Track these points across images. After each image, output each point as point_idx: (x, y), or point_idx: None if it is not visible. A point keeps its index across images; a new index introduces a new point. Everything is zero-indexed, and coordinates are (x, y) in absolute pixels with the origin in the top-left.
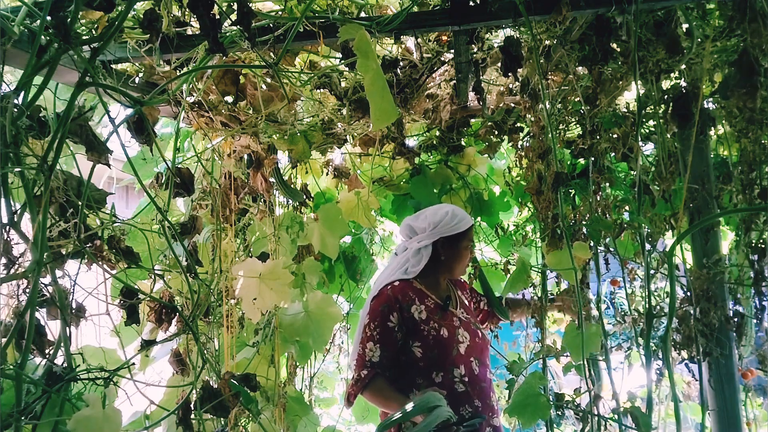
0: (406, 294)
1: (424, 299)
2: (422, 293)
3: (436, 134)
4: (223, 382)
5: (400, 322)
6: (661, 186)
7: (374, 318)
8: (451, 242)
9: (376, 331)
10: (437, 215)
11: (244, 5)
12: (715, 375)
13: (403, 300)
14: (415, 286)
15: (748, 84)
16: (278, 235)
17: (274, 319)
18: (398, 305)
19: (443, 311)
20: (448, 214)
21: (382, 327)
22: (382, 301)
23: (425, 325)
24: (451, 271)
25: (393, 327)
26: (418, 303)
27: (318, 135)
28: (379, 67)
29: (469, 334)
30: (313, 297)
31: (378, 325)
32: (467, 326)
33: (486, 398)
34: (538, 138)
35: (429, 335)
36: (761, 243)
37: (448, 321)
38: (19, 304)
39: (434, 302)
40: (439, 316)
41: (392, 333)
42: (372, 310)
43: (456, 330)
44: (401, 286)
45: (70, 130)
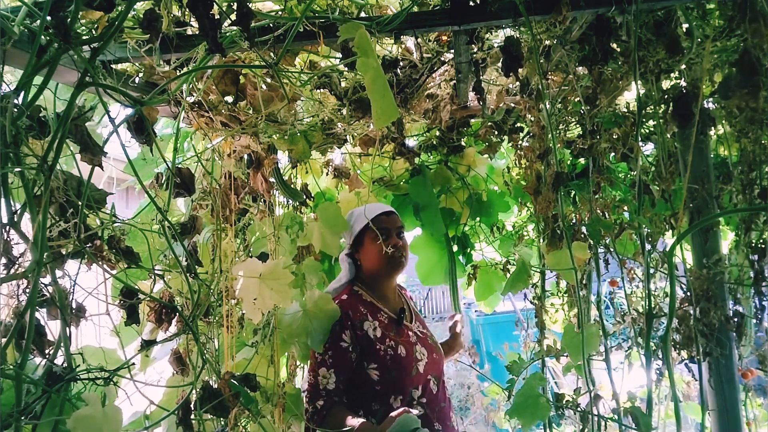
0: (357, 309)
1: (376, 314)
2: (373, 307)
3: (436, 134)
4: (223, 382)
5: (354, 341)
6: (661, 186)
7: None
8: (358, 243)
9: (327, 354)
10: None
11: (243, 5)
12: (715, 375)
13: (354, 316)
14: (365, 299)
15: (749, 84)
16: (278, 235)
17: (273, 319)
18: (350, 322)
19: (398, 326)
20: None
21: (334, 349)
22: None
23: (381, 344)
24: (379, 274)
25: (347, 347)
26: (370, 318)
27: (318, 135)
28: (379, 65)
29: (426, 350)
30: (310, 296)
31: (329, 347)
32: (424, 341)
33: (446, 419)
34: (538, 138)
35: (386, 355)
36: (761, 243)
37: (405, 337)
38: (19, 304)
39: (387, 316)
40: (395, 332)
41: (346, 354)
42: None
43: (413, 347)
44: (350, 300)
45: (69, 130)
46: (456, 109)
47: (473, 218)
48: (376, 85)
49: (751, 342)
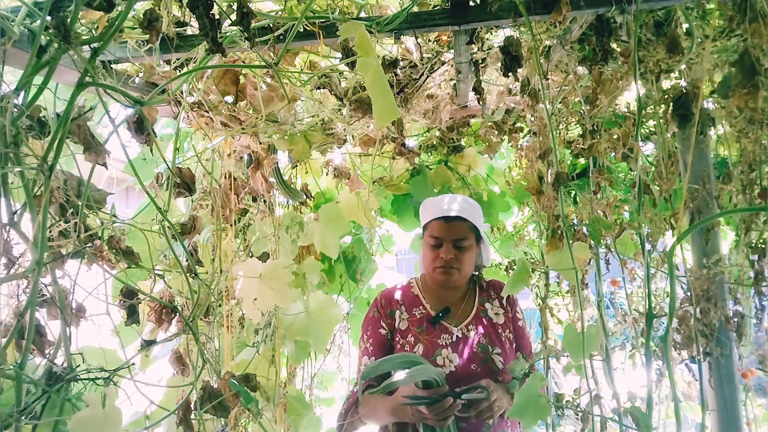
0: (393, 298)
1: (413, 307)
2: (416, 300)
3: (436, 134)
4: (223, 382)
5: (390, 330)
6: (661, 186)
7: (366, 327)
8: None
9: (369, 342)
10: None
11: (244, 5)
12: (715, 375)
13: (387, 305)
14: (411, 291)
15: (750, 84)
16: (278, 235)
17: (274, 319)
18: (384, 310)
19: (431, 324)
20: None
21: (375, 336)
22: (372, 307)
23: (401, 338)
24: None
25: (386, 335)
26: (405, 310)
27: (318, 135)
28: (379, 65)
29: (460, 357)
30: (314, 297)
31: (371, 336)
32: (463, 348)
33: None
34: (538, 138)
35: (401, 350)
36: (761, 243)
37: (433, 336)
38: (19, 304)
39: (424, 312)
40: (421, 330)
41: (386, 342)
42: (365, 318)
43: (437, 349)
44: (394, 291)
45: (69, 130)
46: (456, 109)
47: None
48: (377, 85)
49: (751, 342)
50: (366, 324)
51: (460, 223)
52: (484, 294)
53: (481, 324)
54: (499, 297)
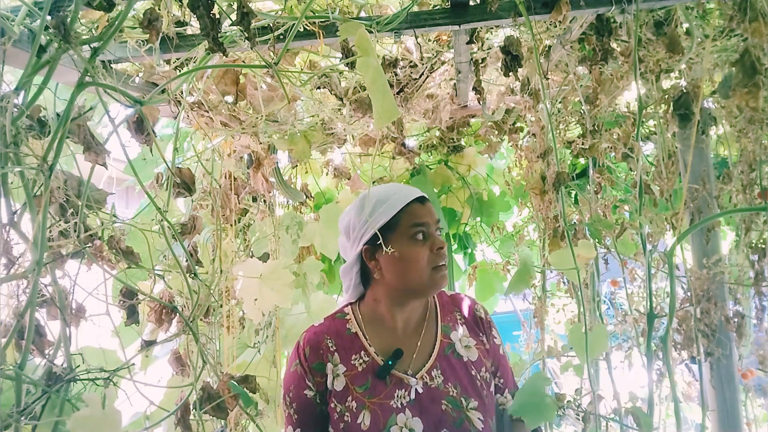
0: (320, 344)
1: (351, 353)
2: (354, 342)
3: (436, 134)
4: (222, 383)
5: (319, 390)
6: (661, 186)
7: (287, 386)
8: (379, 244)
9: (292, 407)
10: (347, 212)
11: (244, 5)
12: (715, 375)
13: (313, 355)
14: (346, 328)
15: (750, 83)
16: (278, 235)
17: (274, 319)
18: (308, 364)
19: (378, 378)
20: (357, 203)
21: (298, 401)
22: (292, 357)
23: (338, 403)
24: (406, 293)
25: (312, 399)
26: (338, 360)
27: (318, 135)
28: (379, 65)
29: (424, 423)
30: (315, 298)
31: (293, 399)
32: (427, 406)
33: None
34: (538, 138)
35: (339, 421)
36: (761, 243)
37: (383, 397)
38: (19, 304)
39: (368, 361)
40: (365, 388)
41: (313, 407)
42: (285, 373)
43: (391, 416)
44: (320, 330)
45: (69, 130)
46: (456, 108)
47: (474, 218)
48: (377, 85)
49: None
50: (287, 381)
51: (431, 206)
52: (447, 318)
53: (447, 365)
54: (467, 320)
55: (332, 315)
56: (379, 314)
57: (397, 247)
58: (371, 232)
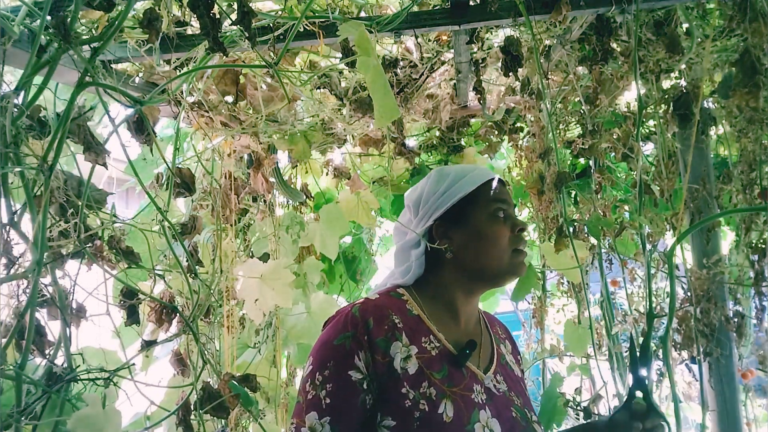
0: (384, 318)
1: (421, 336)
2: (420, 325)
3: (436, 134)
4: (222, 383)
5: (371, 373)
6: (661, 186)
7: (323, 361)
8: (453, 220)
9: (325, 387)
10: (417, 186)
11: (244, 5)
12: (715, 375)
13: (379, 328)
14: (407, 308)
15: (750, 83)
16: (278, 235)
17: (275, 319)
18: (366, 337)
19: (453, 366)
20: (431, 176)
21: (337, 381)
22: (338, 328)
23: (410, 388)
24: (480, 278)
25: (358, 383)
26: (407, 340)
27: (318, 135)
28: (379, 65)
29: (501, 425)
30: (315, 298)
31: (328, 379)
32: (502, 408)
33: None
34: (538, 138)
35: (413, 410)
36: (761, 243)
37: (464, 389)
38: (19, 304)
39: (440, 347)
40: (443, 375)
41: (354, 394)
42: (319, 347)
43: (473, 410)
44: (379, 303)
45: (69, 129)
46: (456, 109)
47: None
48: (377, 85)
49: (751, 342)
50: (322, 356)
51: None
52: (494, 329)
53: (506, 374)
54: (508, 339)
55: (385, 292)
56: (442, 302)
57: (475, 223)
58: (447, 205)
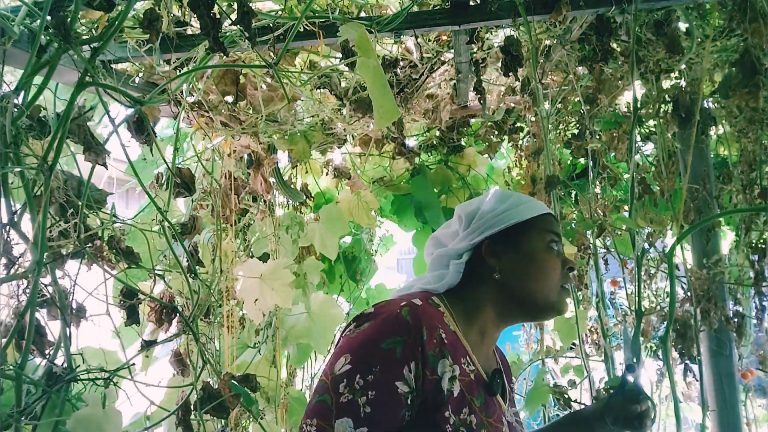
0: (436, 331)
1: (459, 354)
2: (458, 342)
3: (436, 134)
4: (222, 383)
5: (419, 389)
6: (661, 186)
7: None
8: (509, 242)
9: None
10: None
11: (244, 5)
12: (715, 375)
13: (432, 340)
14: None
15: (750, 83)
16: (278, 235)
17: (275, 319)
18: (420, 348)
19: (489, 394)
20: (491, 194)
21: (381, 391)
22: (386, 329)
23: (453, 412)
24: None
25: (404, 396)
26: (452, 359)
27: (318, 135)
28: (379, 65)
29: None
30: (315, 298)
31: (373, 385)
32: None
33: None
34: (538, 138)
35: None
36: (761, 243)
37: (496, 420)
38: (19, 304)
39: (475, 372)
40: (481, 403)
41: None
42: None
43: None
44: (429, 310)
45: (69, 130)
46: (456, 109)
47: None
48: (377, 85)
49: (751, 342)
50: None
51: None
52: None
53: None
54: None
55: (424, 297)
56: (474, 321)
57: (530, 250)
58: (503, 225)
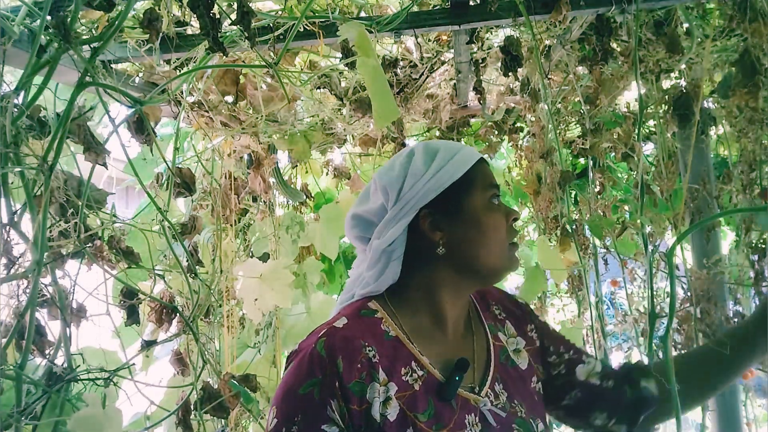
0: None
1: (399, 364)
2: (399, 349)
3: (436, 134)
4: (222, 383)
5: (348, 426)
6: (661, 186)
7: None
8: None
9: None
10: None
11: (244, 5)
12: None
13: (351, 369)
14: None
15: (749, 83)
16: (278, 235)
17: (274, 319)
18: (338, 383)
19: (441, 399)
20: (405, 155)
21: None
22: (303, 372)
23: None
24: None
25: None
26: (386, 377)
27: (318, 135)
28: (379, 65)
29: None
30: (315, 298)
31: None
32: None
33: None
34: (538, 138)
35: None
36: (761, 243)
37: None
38: (19, 304)
39: (425, 375)
40: (430, 416)
41: None
42: (282, 395)
43: None
44: (355, 331)
45: (69, 129)
46: (456, 109)
47: None
48: (376, 85)
49: None
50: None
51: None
52: (486, 314)
53: (507, 377)
54: (508, 311)
55: (353, 311)
56: (426, 310)
57: (471, 212)
58: (440, 190)
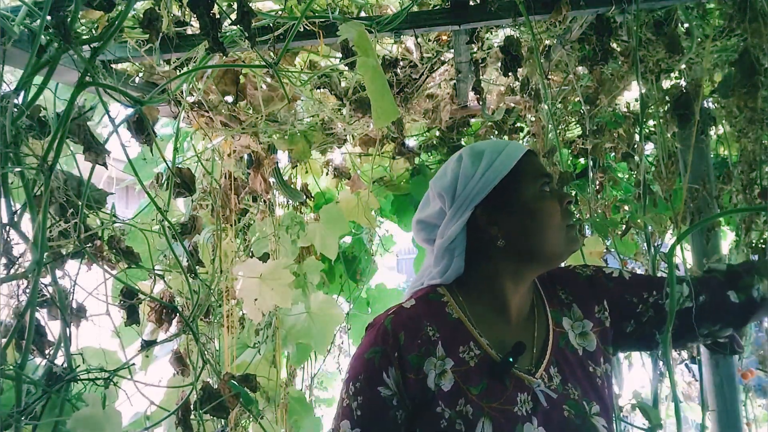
0: (418, 331)
1: (458, 346)
2: (459, 330)
3: (436, 134)
4: (222, 383)
5: (401, 390)
6: (661, 186)
7: (356, 373)
8: (501, 202)
9: (356, 400)
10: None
11: (244, 5)
12: (715, 375)
13: (412, 343)
14: (448, 314)
15: (749, 83)
16: (278, 235)
17: (274, 319)
18: (397, 353)
19: (495, 377)
20: (458, 158)
21: (367, 397)
22: (370, 341)
23: (447, 408)
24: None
25: (387, 399)
26: (443, 353)
27: (318, 135)
28: (379, 65)
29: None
30: (315, 298)
31: (360, 392)
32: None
33: None
34: (538, 138)
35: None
36: (761, 243)
37: (504, 402)
38: (19, 304)
39: (480, 354)
40: (482, 389)
41: (385, 410)
42: (354, 358)
43: (516, 426)
44: (411, 314)
45: (69, 129)
46: (456, 109)
47: None
48: (376, 85)
49: (751, 342)
50: (355, 367)
51: None
52: (553, 301)
53: (564, 361)
54: (576, 294)
55: (423, 294)
56: (489, 297)
57: (524, 203)
58: (490, 187)
